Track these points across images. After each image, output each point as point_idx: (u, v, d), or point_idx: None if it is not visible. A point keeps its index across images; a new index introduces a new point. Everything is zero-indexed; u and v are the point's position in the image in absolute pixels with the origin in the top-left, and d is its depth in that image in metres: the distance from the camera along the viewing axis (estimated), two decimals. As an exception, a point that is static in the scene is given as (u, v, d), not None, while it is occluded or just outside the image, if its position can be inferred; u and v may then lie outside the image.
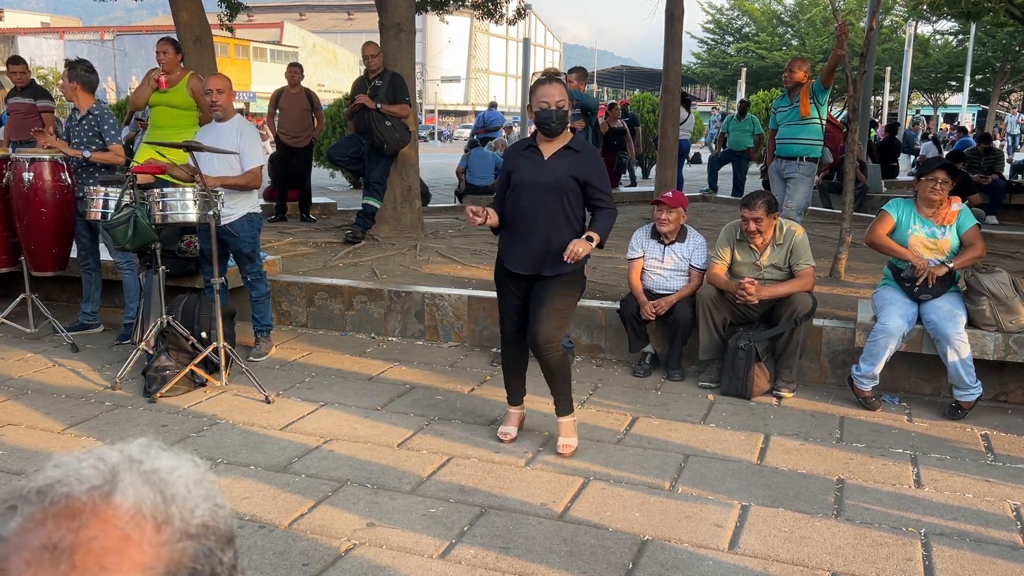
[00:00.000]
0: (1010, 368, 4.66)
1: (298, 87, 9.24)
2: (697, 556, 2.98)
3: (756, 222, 4.76)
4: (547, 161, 3.73)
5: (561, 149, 3.74)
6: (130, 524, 0.64)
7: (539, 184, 3.70)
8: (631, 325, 5.03)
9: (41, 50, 51.28)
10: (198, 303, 4.95)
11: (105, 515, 0.64)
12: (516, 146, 3.93)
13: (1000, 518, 3.31)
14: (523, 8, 14.23)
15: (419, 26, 9.67)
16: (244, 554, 2.95)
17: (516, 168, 3.77)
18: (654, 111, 16.26)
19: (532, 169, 3.72)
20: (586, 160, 3.73)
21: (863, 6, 31.70)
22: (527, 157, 3.78)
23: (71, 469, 0.67)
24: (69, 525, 0.63)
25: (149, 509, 0.65)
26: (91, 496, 0.64)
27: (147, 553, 0.63)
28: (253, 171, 5.00)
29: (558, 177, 3.68)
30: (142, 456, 0.69)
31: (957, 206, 4.57)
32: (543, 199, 3.70)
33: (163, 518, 0.65)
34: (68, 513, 0.63)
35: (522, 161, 3.77)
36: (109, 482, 0.66)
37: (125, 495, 0.65)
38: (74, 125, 5.54)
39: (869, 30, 7.79)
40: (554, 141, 3.75)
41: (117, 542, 0.63)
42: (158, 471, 0.68)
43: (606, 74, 70.77)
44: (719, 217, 9.86)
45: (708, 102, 57.88)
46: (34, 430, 4.10)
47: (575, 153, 3.73)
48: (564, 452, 3.84)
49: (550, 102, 3.65)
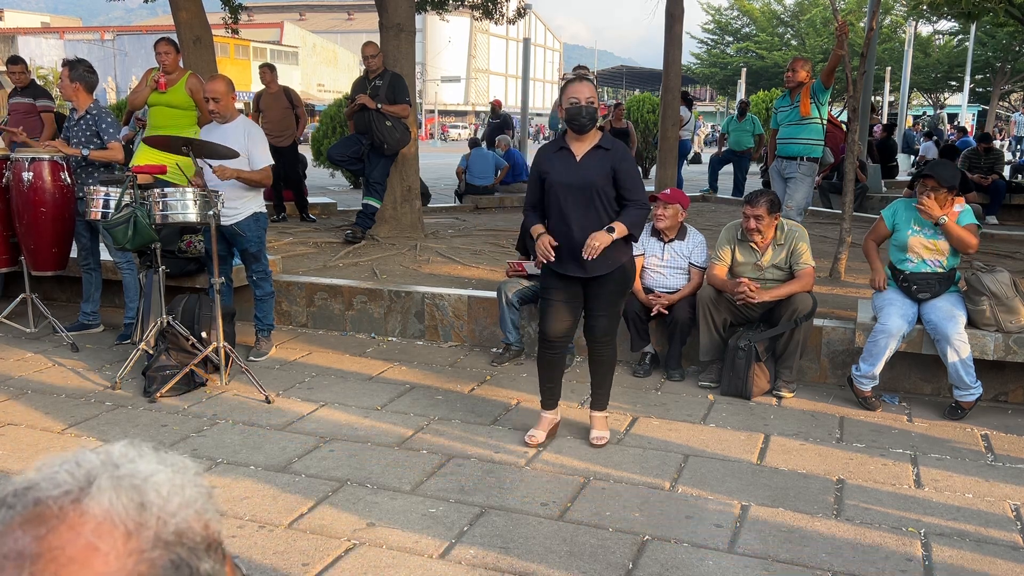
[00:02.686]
0: (1010, 368, 4.66)
1: (276, 87, 9.28)
2: (697, 556, 2.98)
3: (757, 220, 4.76)
4: (580, 161, 3.76)
5: (592, 148, 3.77)
6: (97, 532, 0.62)
7: (574, 185, 3.73)
8: (634, 324, 5.03)
9: (41, 50, 51.30)
10: (198, 303, 4.95)
11: (73, 522, 0.62)
12: (547, 148, 3.92)
13: (1000, 518, 3.31)
14: (523, 8, 14.24)
15: (419, 26, 9.67)
16: (244, 554, 2.95)
17: (550, 170, 3.79)
18: (654, 111, 16.25)
19: (565, 170, 3.75)
20: (617, 157, 3.75)
21: (863, 6, 31.69)
22: (559, 159, 3.80)
23: (49, 472, 0.65)
24: (36, 532, 0.61)
25: (120, 517, 0.63)
26: (61, 502, 0.63)
27: (111, 564, 0.61)
28: (265, 170, 5.05)
29: (592, 177, 3.72)
30: (121, 460, 0.67)
31: (959, 207, 4.56)
32: (579, 200, 3.73)
33: (134, 526, 0.63)
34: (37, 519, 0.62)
35: (555, 163, 3.80)
36: (82, 488, 0.64)
37: (97, 501, 0.63)
38: (72, 125, 5.54)
39: (869, 30, 7.79)
40: (584, 141, 3.78)
41: (82, 551, 0.61)
42: (134, 476, 0.66)
43: (606, 74, 70.73)
44: (719, 217, 9.86)
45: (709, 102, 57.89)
46: (34, 430, 4.10)
47: (606, 152, 3.76)
48: (597, 443, 3.95)
49: (580, 98, 3.68)
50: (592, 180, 3.71)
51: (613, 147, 3.79)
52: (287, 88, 9.46)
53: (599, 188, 3.72)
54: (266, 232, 5.24)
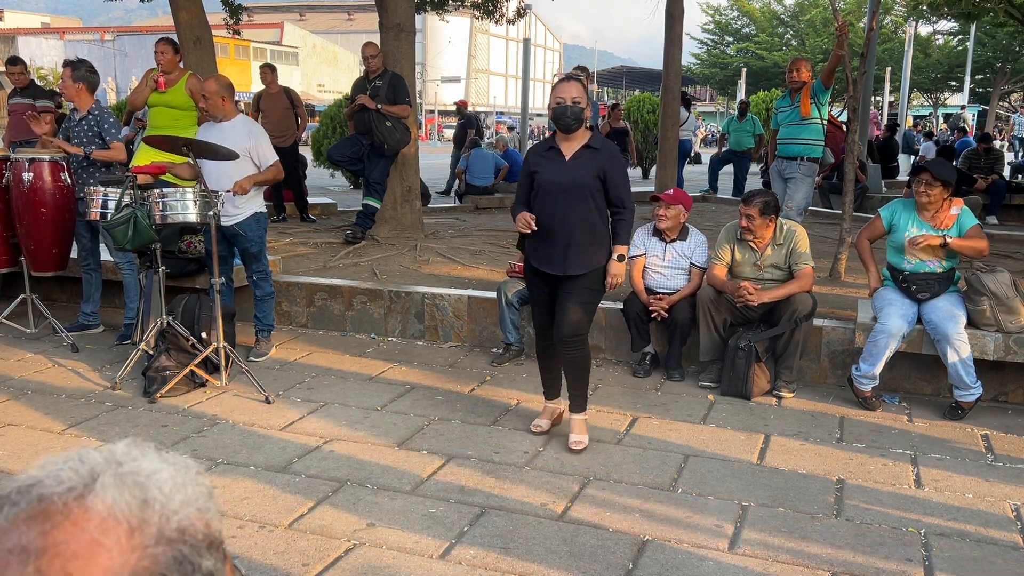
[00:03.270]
0: (1010, 368, 4.66)
1: (276, 87, 9.28)
2: (697, 556, 2.98)
3: (748, 219, 4.77)
4: (569, 161, 3.77)
5: (581, 148, 3.78)
6: (101, 528, 0.63)
7: (563, 184, 3.74)
8: (635, 324, 5.03)
9: (41, 50, 51.30)
10: (198, 303, 4.95)
11: (77, 518, 0.63)
12: (537, 147, 3.95)
13: (1000, 518, 3.31)
14: (523, 8, 14.24)
15: (419, 26, 9.68)
16: (244, 554, 2.95)
17: (539, 169, 3.81)
18: (654, 111, 16.26)
19: (555, 170, 3.77)
20: (606, 159, 3.77)
21: (863, 6, 31.69)
22: (549, 158, 3.82)
23: (53, 469, 0.66)
24: (40, 528, 0.62)
25: (124, 513, 0.64)
26: (65, 498, 0.63)
27: (115, 559, 0.62)
28: (276, 165, 5.07)
29: (581, 177, 3.73)
30: (124, 458, 0.68)
31: (956, 209, 4.55)
32: (567, 199, 3.75)
33: (137, 523, 0.64)
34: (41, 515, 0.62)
35: (544, 162, 3.82)
36: (86, 484, 0.65)
37: (100, 498, 0.64)
38: (73, 125, 5.54)
39: (869, 30, 7.80)
40: (573, 140, 3.79)
41: (86, 547, 0.62)
42: (138, 474, 0.67)
43: (606, 74, 70.74)
44: (719, 217, 9.86)
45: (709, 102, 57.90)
46: (34, 430, 4.10)
47: (595, 151, 3.78)
48: (575, 448, 3.89)
49: (566, 98, 3.70)
50: (581, 180, 3.72)
51: (603, 147, 3.81)
52: (288, 89, 9.47)
53: (588, 188, 3.73)
54: (266, 232, 5.25)
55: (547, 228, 3.77)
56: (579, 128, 3.76)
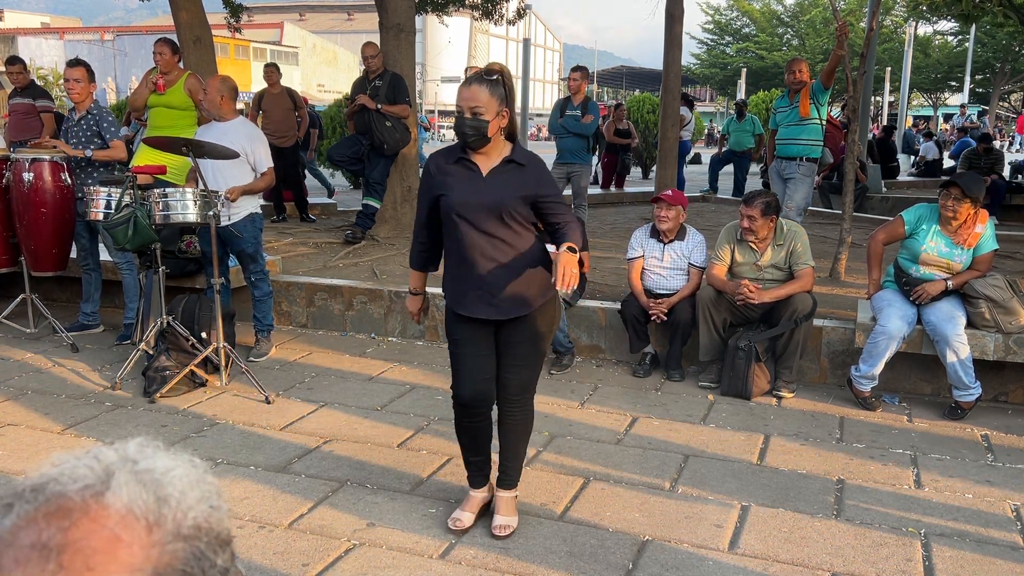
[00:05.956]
0: (1010, 368, 4.66)
1: (278, 87, 9.26)
2: (697, 556, 2.98)
3: (750, 220, 4.77)
4: (486, 178, 2.97)
5: (502, 163, 2.98)
6: (120, 524, 0.63)
7: (478, 207, 2.93)
8: (632, 325, 5.03)
9: (41, 50, 51.29)
10: (198, 303, 4.96)
11: (96, 515, 0.63)
12: (441, 158, 3.05)
13: (1000, 518, 3.31)
14: (523, 8, 14.23)
15: (419, 26, 9.67)
16: (244, 554, 2.95)
17: (447, 189, 2.98)
18: (654, 111, 16.26)
19: (468, 189, 2.95)
20: (534, 174, 2.99)
21: (863, 6, 31.71)
22: (460, 173, 2.99)
23: (67, 468, 0.66)
24: (59, 524, 0.62)
25: (141, 510, 0.65)
26: (83, 495, 0.64)
27: (136, 555, 0.63)
28: (269, 172, 5.09)
29: (502, 197, 2.92)
30: (138, 456, 0.69)
31: (981, 228, 4.44)
32: (486, 226, 2.94)
33: (155, 519, 0.65)
34: (60, 512, 0.63)
35: (453, 180, 2.98)
36: (103, 481, 0.65)
37: (118, 495, 0.65)
38: (72, 125, 5.55)
39: (869, 30, 7.80)
40: (491, 153, 2.99)
41: (106, 542, 0.62)
42: (153, 471, 0.67)
43: (606, 74, 70.78)
44: (719, 217, 9.86)
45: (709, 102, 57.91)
46: (34, 430, 4.10)
47: (520, 168, 2.98)
48: (500, 534, 3.09)
49: (463, 107, 2.90)
50: (500, 201, 2.91)
51: (529, 163, 3.00)
52: (290, 89, 9.44)
53: (511, 210, 2.92)
54: (262, 232, 5.25)
55: (466, 264, 2.98)
56: (485, 144, 2.95)
